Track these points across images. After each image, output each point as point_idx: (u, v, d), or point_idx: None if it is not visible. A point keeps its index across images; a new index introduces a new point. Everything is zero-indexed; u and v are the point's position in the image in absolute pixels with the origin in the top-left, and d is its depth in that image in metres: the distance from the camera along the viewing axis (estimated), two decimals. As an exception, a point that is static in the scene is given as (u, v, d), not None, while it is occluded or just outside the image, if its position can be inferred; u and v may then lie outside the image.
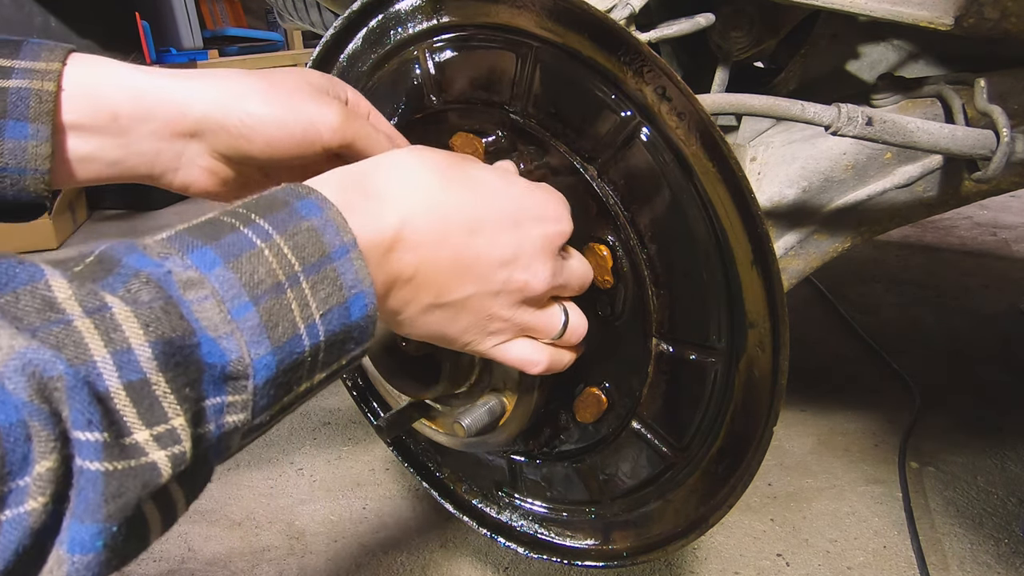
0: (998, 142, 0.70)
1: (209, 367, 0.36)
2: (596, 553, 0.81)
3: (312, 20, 1.97)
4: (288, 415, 0.45)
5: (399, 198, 0.49)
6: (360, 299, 0.44)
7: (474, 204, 0.53)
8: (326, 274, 0.42)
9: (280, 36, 5.28)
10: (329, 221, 0.43)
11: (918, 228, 2.57)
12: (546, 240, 0.57)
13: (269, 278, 0.40)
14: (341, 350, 0.44)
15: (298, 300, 0.40)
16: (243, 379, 0.38)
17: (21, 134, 0.55)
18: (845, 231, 0.88)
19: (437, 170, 0.53)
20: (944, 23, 0.72)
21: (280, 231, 0.41)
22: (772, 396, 0.63)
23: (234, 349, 0.37)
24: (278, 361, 0.39)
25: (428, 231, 0.50)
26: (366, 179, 0.50)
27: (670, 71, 0.60)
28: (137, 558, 0.36)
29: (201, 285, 0.37)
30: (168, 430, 0.34)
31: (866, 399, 1.54)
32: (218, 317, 0.37)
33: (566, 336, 0.62)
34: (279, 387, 0.41)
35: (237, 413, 0.38)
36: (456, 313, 0.54)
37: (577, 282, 0.63)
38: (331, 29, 0.84)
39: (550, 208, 0.59)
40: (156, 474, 0.34)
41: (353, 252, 0.43)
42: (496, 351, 0.60)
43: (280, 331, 0.39)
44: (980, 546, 1.13)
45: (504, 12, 0.71)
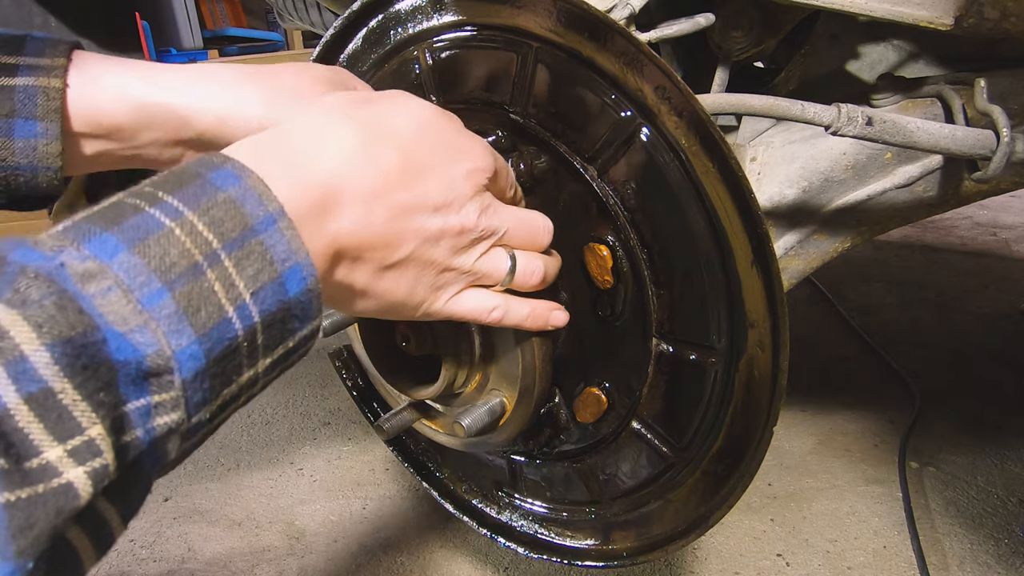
0: (998, 142, 0.70)
1: (122, 365, 0.32)
2: (596, 553, 0.81)
3: (312, 20, 1.97)
4: (237, 409, 0.41)
5: (322, 158, 0.46)
6: (296, 272, 0.40)
7: (398, 155, 0.50)
8: (251, 248, 0.38)
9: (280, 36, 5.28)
10: (249, 190, 0.39)
11: (918, 228, 2.57)
12: (470, 178, 0.54)
13: (183, 260, 0.35)
14: (283, 330, 0.40)
15: (221, 280, 0.36)
16: (167, 374, 0.34)
17: (31, 132, 0.54)
18: (845, 231, 0.88)
19: (355, 125, 0.49)
20: (944, 23, 0.72)
21: (192, 207, 0.37)
22: (772, 396, 0.63)
23: (150, 342, 0.33)
24: (206, 350, 0.35)
25: (359, 189, 0.47)
26: (284, 142, 0.46)
27: (670, 71, 0.60)
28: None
29: (102, 275, 0.33)
30: (85, 442, 0.30)
31: (866, 399, 1.54)
32: (126, 309, 0.33)
33: (519, 281, 0.60)
34: (214, 379, 0.37)
35: (168, 413, 0.34)
36: (403, 271, 0.52)
37: (521, 228, 0.60)
38: (331, 29, 0.84)
39: (469, 146, 0.56)
40: (73, 496, 0.30)
41: (282, 221, 0.40)
42: (450, 305, 0.58)
43: (204, 316, 0.35)
44: (980, 546, 1.13)
45: (504, 12, 0.71)
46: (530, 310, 0.64)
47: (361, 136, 0.49)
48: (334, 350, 1.01)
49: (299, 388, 1.72)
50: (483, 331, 0.71)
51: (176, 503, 1.32)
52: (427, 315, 0.58)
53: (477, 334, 0.71)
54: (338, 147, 0.47)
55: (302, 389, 1.71)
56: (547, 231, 0.63)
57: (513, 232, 0.59)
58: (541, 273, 0.62)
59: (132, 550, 1.21)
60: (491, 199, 0.57)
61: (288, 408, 1.63)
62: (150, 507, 1.31)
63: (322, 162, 0.46)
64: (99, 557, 0.34)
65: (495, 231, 0.57)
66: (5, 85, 0.54)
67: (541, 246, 0.63)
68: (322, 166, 0.45)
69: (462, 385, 0.75)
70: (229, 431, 1.55)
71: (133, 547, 1.21)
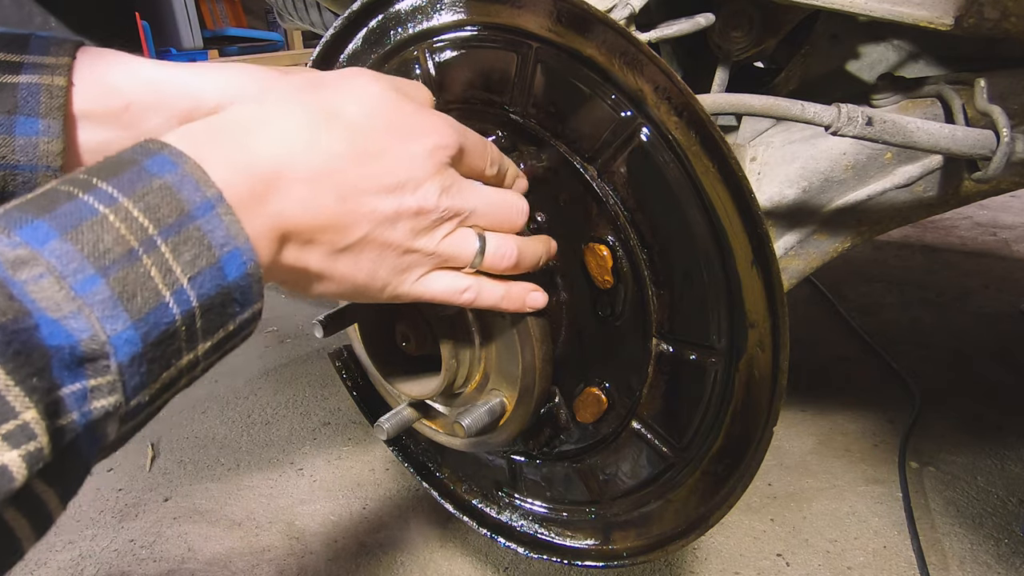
0: (998, 142, 0.70)
1: (56, 351, 0.33)
2: (596, 553, 0.81)
3: (312, 20, 1.97)
4: (179, 391, 0.42)
5: (264, 142, 0.45)
6: (236, 256, 0.40)
7: (346, 136, 0.49)
8: (189, 234, 0.38)
9: (280, 36, 5.29)
10: (186, 176, 0.39)
11: (918, 228, 2.57)
12: (429, 156, 0.53)
13: (118, 246, 0.36)
14: (223, 315, 0.40)
15: (158, 266, 0.37)
16: (102, 359, 0.34)
17: (32, 130, 0.53)
18: (845, 231, 0.88)
19: (301, 109, 0.49)
20: (944, 23, 0.72)
21: (127, 193, 0.37)
22: (772, 396, 0.63)
23: (84, 328, 0.34)
24: (143, 335, 0.36)
25: (303, 171, 0.46)
26: (226, 127, 0.45)
27: (670, 71, 0.60)
28: (12, 568, 0.34)
29: (34, 262, 0.33)
30: (19, 426, 0.31)
31: (866, 399, 1.54)
32: (59, 295, 0.33)
33: (489, 263, 0.59)
34: (152, 363, 0.37)
35: (105, 397, 0.35)
36: (359, 254, 0.51)
37: (491, 208, 0.59)
38: (331, 29, 0.84)
39: (427, 123, 0.55)
40: (8, 479, 0.30)
41: (220, 207, 0.40)
42: (418, 287, 0.56)
43: (140, 301, 0.36)
44: (980, 546, 1.13)
45: (505, 12, 0.71)
46: (505, 291, 0.62)
47: (307, 119, 0.48)
48: (334, 350, 1.01)
49: (299, 388, 1.72)
50: (482, 330, 0.71)
51: (176, 503, 1.32)
52: (395, 297, 0.56)
53: (476, 333, 0.71)
54: (281, 131, 0.47)
55: (302, 389, 1.71)
56: (521, 211, 0.61)
57: (482, 212, 0.58)
58: (514, 255, 0.60)
59: (132, 550, 1.21)
60: (454, 178, 0.56)
61: (288, 408, 1.63)
62: (150, 507, 1.31)
63: (264, 146, 0.45)
64: (38, 537, 0.34)
65: (459, 211, 0.56)
66: (8, 82, 0.53)
67: (515, 227, 0.61)
68: (264, 150, 0.45)
69: (462, 385, 0.75)
70: (229, 431, 1.55)
71: (133, 547, 1.21)
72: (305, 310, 2.08)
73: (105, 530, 1.26)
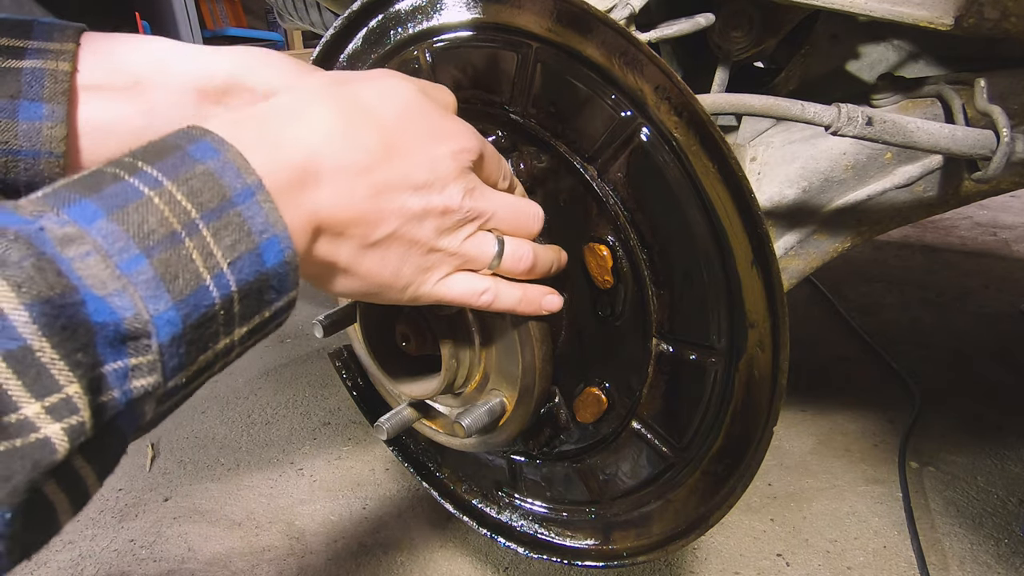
0: (998, 142, 0.70)
1: (100, 327, 0.33)
2: (596, 553, 0.81)
3: (312, 20, 1.97)
4: (213, 375, 0.42)
5: (302, 134, 0.46)
6: (274, 244, 0.41)
7: (379, 134, 0.50)
8: (229, 220, 0.39)
9: (280, 36, 5.29)
10: (228, 163, 0.40)
11: (918, 228, 2.57)
12: (454, 159, 0.55)
13: (162, 228, 0.36)
14: (260, 301, 0.41)
15: (199, 249, 0.37)
16: (144, 338, 0.35)
17: (35, 115, 0.53)
18: (845, 231, 0.88)
19: (336, 105, 0.49)
20: (944, 23, 0.72)
21: (171, 177, 0.38)
22: (772, 396, 0.63)
23: (128, 306, 0.34)
24: (183, 316, 0.36)
25: (338, 164, 0.47)
26: (265, 117, 0.46)
27: (670, 71, 0.60)
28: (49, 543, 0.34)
29: (81, 240, 0.34)
30: (62, 400, 0.31)
31: (866, 399, 1.54)
32: (104, 273, 0.34)
33: (507, 266, 0.60)
34: (191, 345, 0.37)
35: (145, 376, 0.35)
36: (387, 250, 0.52)
37: (509, 213, 0.60)
38: (331, 29, 0.84)
39: (451, 128, 0.56)
40: (50, 451, 0.31)
41: (260, 194, 0.40)
42: (439, 288, 0.57)
43: (181, 283, 0.36)
44: (980, 546, 1.13)
45: (505, 12, 0.71)
46: (522, 293, 0.63)
47: (341, 115, 0.49)
48: (334, 350, 1.01)
49: (299, 388, 1.72)
50: (482, 330, 0.71)
51: (176, 503, 1.32)
52: (416, 298, 0.57)
53: (476, 333, 0.71)
54: (318, 124, 0.47)
55: (302, 389, 1.71)
56: (537, 218, 0.63)
57: (501, 216, 0.59)
58: (530, 259, 0.61)
59: (132, 550, 1.21)
60: (476, 182, 0.57)
61: (288, 408, 1.63)
62: (150, 507, 1.31)
63: (302, 138, 0.46)
64: (75, 512, 0.35)
65: (481, 214, 0.57)
66: (12, 67, 0.53)
67: (531, 233, 0.62)
68: (302, 142, 0.46)
69: (462, 385, 0.75)
70: (229, 431, 1.55)
71: (133, 547, 1.21)
72: (305, 310, 2.08)
73: (105, 530, 1.26)
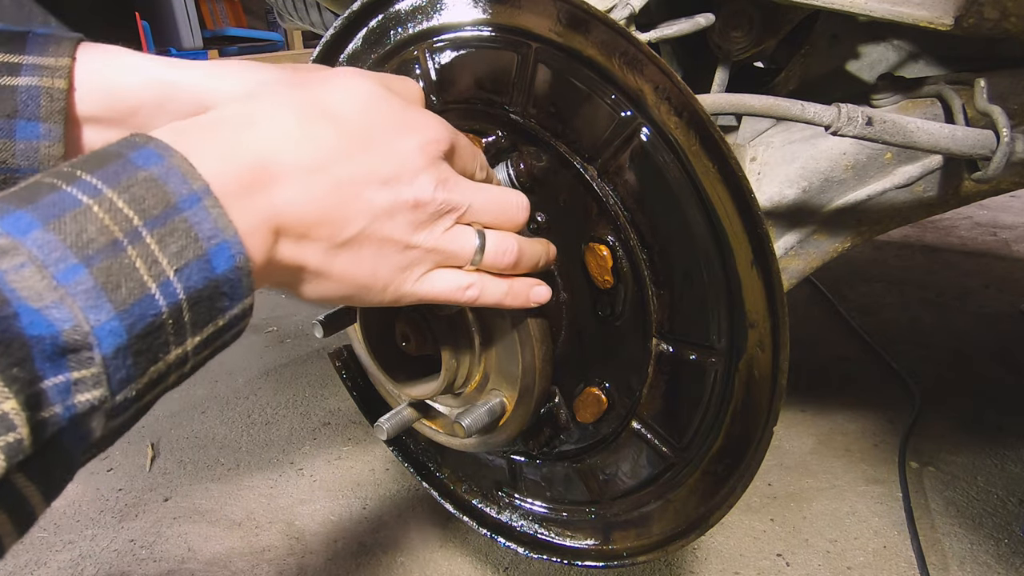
0: (998, 142, 0.70)
1: (36, 341, 0.32)
2: (596, 553, 0.81)
3: (312, 20, 1.97)
4: (169, 388, 0.41)
5: (253, 137, 0.45)
6: (224, 249, 0.39)
7: (336, 131, 0.49)
8: (175, 226, 0.38)
9: (280, 36, 5.29)
10: (173, 168, 0.39)
11: (918, 228, 2.57)
12: (422, 150, 0.53)
13: (102, 236, 0.35)
14: (212, 309, 0.40)
15: (143, 257, 0.36)
16: (85, 350, 0.34)
17: (33, 134, 0.53)
18: (845, 231, 0.88)
19: (289, 106, 0.48)
20: (944, 23, 0.72)
21: (111, 185, 0.37)
22: (772, 396, 0.63)
23: (66, 318, 0.33)
24: (127, 326, 0.35)
25: (294, 163, 0.46)
26: (215, 123, 0.45)
27: (670, 71, 0.60)
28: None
29: (15, 251, 0.33)
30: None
31: (866, 399, 1.54)
32: (40, 284, 0.33)
33: (490, 260, 0.58)
34: (138, 355, 0.36)
35: (89, 391, 0.34)
36: (359, 250, 0.50)
37: (489, 204, 0.58)
38: (331, 29, 0.84)
39: (418, 119, 0.54)
40: None
41: (207, 199, 0.39)
42: (420, 286, 0.55)
43: (124, 292, 0.35)
44: (980, 546, 1.13)
45: (505, 12, 0.71)
46: (508, 287, 0.61)
47: (296, 115, 0.48)
48: (334, 350, 1.01)
49: (299, 388, 1.72)
50: (482, 330, 0.71)
51: (176, 503, 1.32)
52: (398, 298, 0.55)
53: (476, 333, 0.71)
54: (270, 126, 0.46)
55: (302, 389, 1.71)
56: (521, 207, 0.60)
57: (480, 208, 0.57)
58: (515, 252, 0.59)
59: (132, 550, 1.21)
60: (449, 172, 0.55)
61: (288, 408, 1.63)
62: (150, 507, 1.31)
63: (253, 140, 0.45)
64: (20, 535, 0.34)
65: (456, 205, 0.55)
66: (7, 85, 0.52)
67: (516, 224, 0.60)
68: (253, 144, 0.44)
69: (462, 385, 0.75)
70: (229, 431, 1.55)
71: (133, 547, 1.21)
72: (305, 310, 2.08)
73: (105, 530, 1.26)
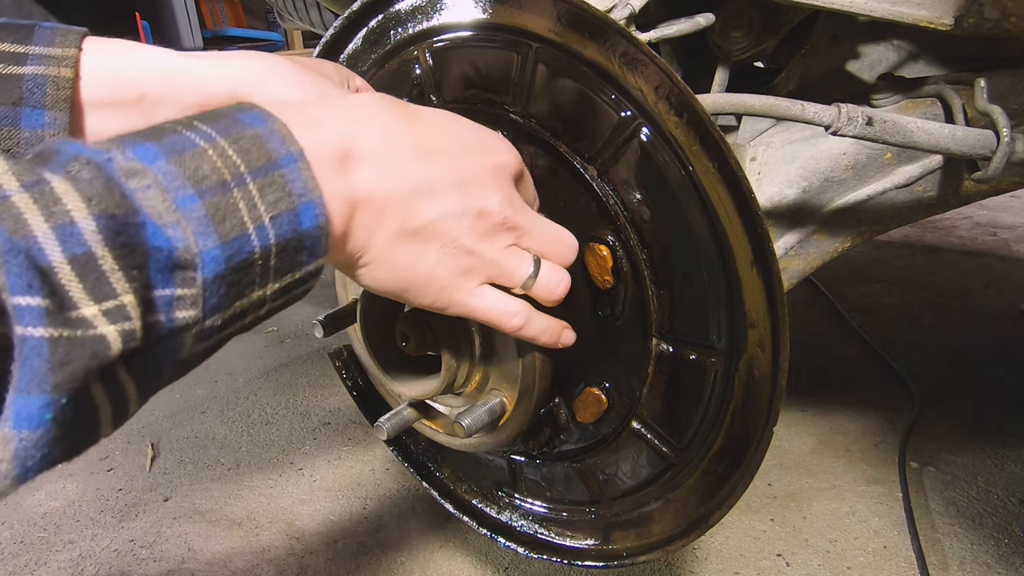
0: (998, 142, 0.70)
1: (155, 251, 0.35)
2: (596, 553, 0.81)
3: (312, 20, 1.97)
4: (243, 329, 0.44)
5: (350, 116, 0.49)
6: (310, 208, 0.43)
7: (424, 130, 0.53)
8: (273, 179, 0.41)
9: (280, 36, 5.29)
10: (274, 131, 0.43)
11: (918, 228, 2.57)
12: (495, 168, 0.56)
13: (214, 175, 0.39)
14: (293, 260, 0.43)
15: (245, 200, 0.40)
16: (191, 270, 0.37)
17: (38, 122, 0.53)
18: (845, 231, 0.88)
19: (383, 101, 0.52)
20: (944, 23, 0.72)
21: (224, 135, 0.41)
22: (772, 396, 0.63)
23: (180, 238, 0.36)
24: (227, 257, 0.38)
25: (382, 146, 0.50)
26: (313, 105, 0.49)
27: (670, 71, 0.60)
28: (86, 451, 0.35)
29: (144, 175, 0.36)
30: (117, 306, 0.33)
31: (866, 399, 1.54)
32: (162, 205, 0.36)
33: (540, 287, 0.59)
34: (230, 287, 0.40)
35: (187, 309, 0.37)
36: (424, 242, 0.52)
37: (547, 235, 0.60)
38: (331, 29, 0.84)
39: (493, 142, 0.58)
40: (105, 346, 0.32)
41: (301, 162, 0.43)
42: (471, 298, 0.57)
43: (228, 227, 0.39)
44: (980, 546, 1.13)
45: (505, 12, 0.71)
46: (548, 324, 0.63)
47: (388, 109, 0.52)
48: (334, 350, 1.01)
49: (299, 388, 1.72)
50: (483, 330, 0.71)
51: (176, 503, 1.32)
52: (446, 305, 0.57)
53: (477, 333, 0.71)
54: (363, 112, 0.50)
55: (302, 389, 1.71)
56: (573, 248, 0.62)
57: (538, 236, 0.59)
58: (565, 287, 0.61)
59: (132, 550, 1.21)
60: (516, 194, 0.58)
61: (288, 408, 1.63)
62: (150, 507, 1.31)
63: (348, 121, 0.49)
64: (114, 425, 0.36)
65: (519, 226, 0.57)
66: (13, 73, 0.52)
67: (565, 261, 0.62)
68: (347, 123, 0.49)
69: (462, 385, 0.75)
70: (229, 431, 1.55)
71: (133, 547, 1.21)
72: (305, 310, 2.08)
73: (105, 530, 1.26)
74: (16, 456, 0.30)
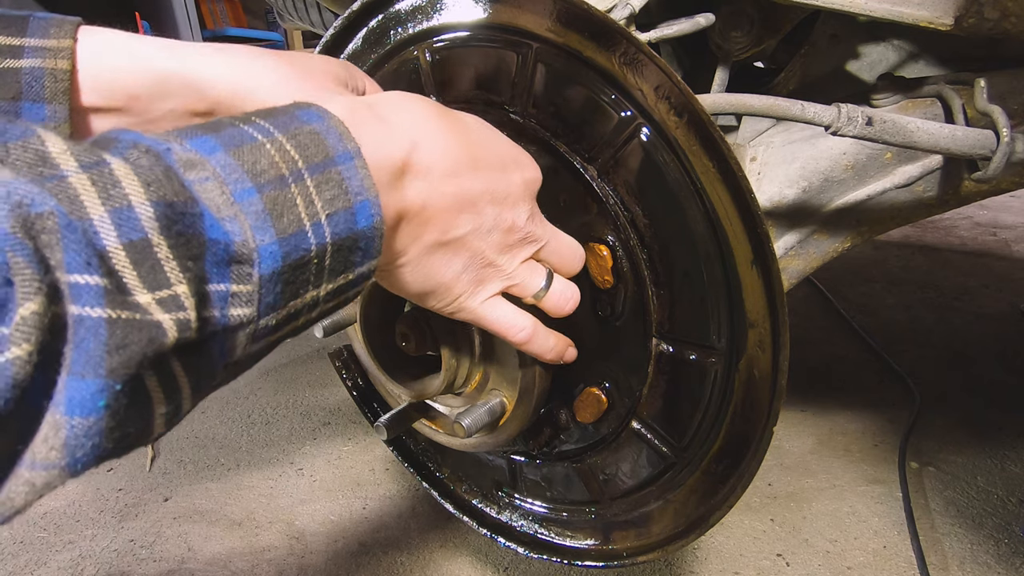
0: (998, 142, 0.70)
1: (212, 243, 0.34)
2: (596, 553, 0.81)
3: (312, 20, 1.97)
4: (293, 332, 0.43)
5: (407, 127, 0.49)
6: (366, 207, 0.42)
7: (470, 143, 0.54)
8: (330, 176, 0.41)
9: (280, 36, 5.29)
10: (332, 128, 0.42)
11: (918, 228, 2.57)
12: (525, 184, 0.58)
13: (272, 169, 0.38)
14: (347, 261, 0.42)
15: (303, 196, 0.39)
16: (247, 265, 0.36)
17: (38, 116, 0.53)
18: (845, 231, 0.88)
19: (435, 109, 0.53)
20: (944, 23, 0.72)
21: (282, 131, 0.40)
22: (772, 396, 0.63)
23: (237, 232, 0.35)
24: (284, 253, 0.37)
25: (436, 161, 0.50)
26: (373, 106, 0.49)
27: (670, 71, 0.60)
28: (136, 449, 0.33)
29: (202, 166, 0.36)
30: (171, 296, 0.32)
31: (866, 399, 1.54)
32: (220, 198, 0.35)
33: (551, 301, 0.61)
34: (286, 286, 0.38)
35: (242, 306, 0.36)
36: (455, 252, 0.54)
37: (561, 245, 0.62)
38: (331, 29, 0.84)
39: (525, 157, 0.60)
40: (162, 333, 0.31)
41: (358, 160, 0.42)
42: (484, 307, 0.59)
43: (285, 222, 0.38)
44: (980, 546, 1.13)
45: (505, 12, 0.71)
46: (555, 341, 0.65)
47: (440, 119, 0.52)
48: (334, 350, 1.01)
49: (299, 388, 1.72)
50: (482, 330, 0.71)
51: (176, 503, 1.32)
52: (458, 310, 0.58)
53: (477, 333, 0.71)
54: (422, 121, 0.50)
55: (302, 389, 1.71)
56: (581, 259, 0.65)
57: (553, 248, 0.61)
58: (575, 302, 0.63)
59: (132, 550, 1.21)
60: (537, 209, 0.60)
61: (288, 408, 1.63)
62: (150, 507, 1.31)
63: (408, 129, 0.49)
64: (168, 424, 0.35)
65: (538, 239, 0.60)
66: (10, 67, 0.52)
67: (573, 270, 0.64)
68: (407, 132, 0.48)
69: (462, 385, 0.75)
70: (229, 431, 1.55)
71: (133, 547, 1.21)
72: (305, 310, 2.08)
73: (105, 530, 1.26)
74: (67, 444, 0.28)
